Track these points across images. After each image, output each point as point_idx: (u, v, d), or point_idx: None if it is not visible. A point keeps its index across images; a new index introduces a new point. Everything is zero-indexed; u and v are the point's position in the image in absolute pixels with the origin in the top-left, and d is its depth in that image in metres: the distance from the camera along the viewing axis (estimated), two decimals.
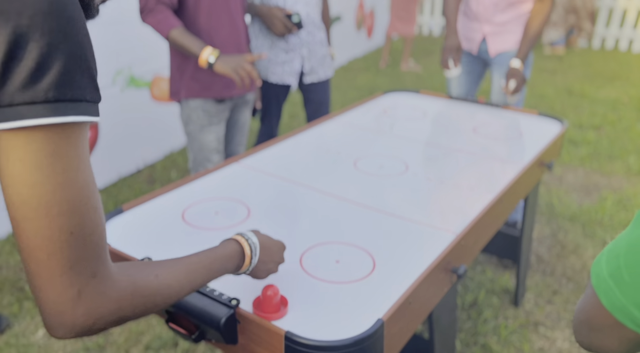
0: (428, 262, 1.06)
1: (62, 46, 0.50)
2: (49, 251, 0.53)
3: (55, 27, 0.50)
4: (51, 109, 0.50)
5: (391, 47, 6.07)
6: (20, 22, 0.49)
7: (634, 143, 3.62)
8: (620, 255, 0.49)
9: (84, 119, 0.52)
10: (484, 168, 1.50)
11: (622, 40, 6.64)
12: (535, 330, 1.92)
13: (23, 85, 0.49)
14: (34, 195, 0.52)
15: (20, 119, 0.49)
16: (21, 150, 0.51)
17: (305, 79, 2.28)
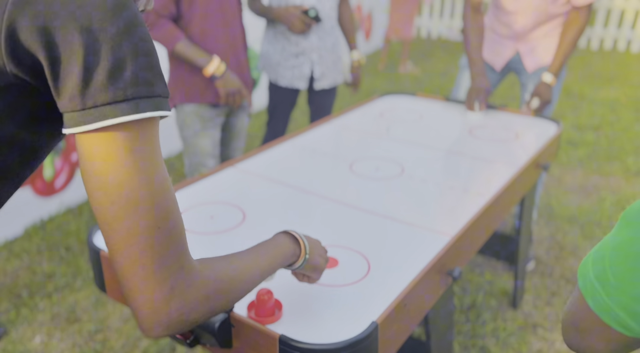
0: (423, 265, 1.05)
1: (132, 45, 0.52)
2: (141, 248, 0.53)
3: (123, 27, 0.51)
4: (132, 106, 0.51)
5: (390, 49, 6.08)
6: (92, 25, 0.50)
7: (633, 143, 3.62)
8: (605, 257, 0.49)
9: (160, 113, 0.54)
10: (480, 170, 1.50)
11: (620, 41, 6.65)
12: (534, 332, 1.92)
13: (104, 86, 0.50)
14: (122, 194, 0.53)
15: (105, 119, 0.51)
16: (104, 150, 0.52)
17: (316, 84, 2.29)
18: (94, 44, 0.50)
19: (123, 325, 1.92)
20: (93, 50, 0.50)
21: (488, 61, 2.26)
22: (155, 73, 0.54)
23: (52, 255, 2.31)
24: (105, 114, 0.51)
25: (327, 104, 2.41)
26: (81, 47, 0.50)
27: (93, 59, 0.50)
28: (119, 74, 0.51)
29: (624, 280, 0.46)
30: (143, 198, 0.53)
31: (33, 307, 2.00)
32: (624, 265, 0.46)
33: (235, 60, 1.94)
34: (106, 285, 1.08)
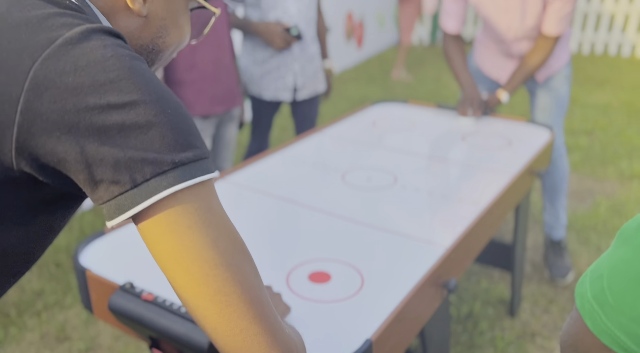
0: (417, 278, 1.03)
1: (166, 110, 0.50)
2: (255, 318, 0.51)
3: (155, 96, 0.50)
4: (180, 174, 0.49)
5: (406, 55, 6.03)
6: (118, 101, 0.48)
7: (626, 147, 3.63)
8: (603, 276, 0.47)
9: (209, 176, 0.52)
10: (473, 178, 1.48)
11: (611, 45, 6.69)
12: (532, 340, 1.89)
13: (147, 160, 0.49)
14: (219, 255, 0.51)
15: (159, 192, 0.49)
16: (166, 226, 0.50)
17: (298, 95, 2.28)
18: (125, 123, 0.48)
19: (114, 343, 1.88)
20: (127, 130, 0.48)
21: (494, 78, 2.25)
22: (194, 133, 0.52)
23: (42, 272, 2.27)
24: (155, 187, 0.49)
25: (312, 113, 2.40)
26: (113, 130, 0.48)
27: (129, 138, 0.48)
28: (164, 143, 0.49)
29: (623, 301, 0.44)
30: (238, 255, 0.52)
31: (22, 326, 1.96)
32: (622, 286, 0.44)
33: (225, 71, 1.93)
34: (93, 305, 1.05)
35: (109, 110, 0.48)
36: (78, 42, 0.49)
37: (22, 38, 0.49)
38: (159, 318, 0.91)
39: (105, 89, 0.48)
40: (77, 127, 0.47)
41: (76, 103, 0.47)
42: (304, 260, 1.10)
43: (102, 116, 0.47)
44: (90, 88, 0.47)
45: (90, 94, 0.47)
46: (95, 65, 0.48)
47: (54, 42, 0.48)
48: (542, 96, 2.18)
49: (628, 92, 4.97)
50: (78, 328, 1.96)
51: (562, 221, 2.29)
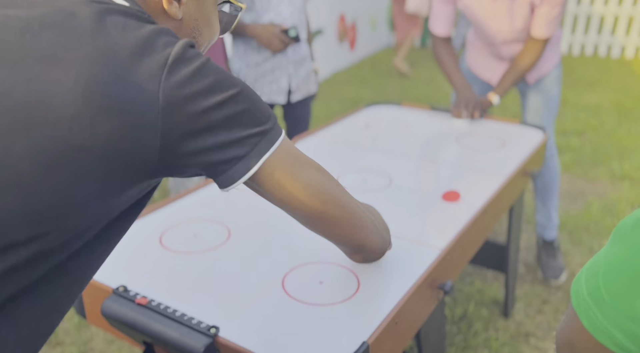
0: (413, 280, 1.03)
1: (250, 94, 0.66)
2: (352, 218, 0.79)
3: (241, 86, 0.64)
4: (273, 134, 0.68)
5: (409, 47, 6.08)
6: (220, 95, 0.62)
7: (616, 148, 3.65)
8: (599, 273, 0.47)
9: (283, 134, 0.71)
10: (467, 179, 1.49)
11: (600, 47, 6.75)
12: (527, 341, 1.90)
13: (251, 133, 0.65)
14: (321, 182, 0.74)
15: (268, 149, 0.67)
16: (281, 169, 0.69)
17: (292, 97, 2.28)
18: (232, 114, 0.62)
19: (107, 347, 1.87)
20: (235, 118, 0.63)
21: (485, 79, 2.26)
22: (266, 106, 0.69)
23: None
24: (261, 151, 0.66)
25: (306, 114, 2.40)
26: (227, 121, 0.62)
27: (238, 123, 0.63)
28: (254, 121, 0.65)
29: (619, 299, 0.44)
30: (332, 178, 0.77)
31: None
32: (618, 284, 0.44)
33: None
34: (86, 310, 1.04)
35: (217, 108, 0.60)
36: (182, 57, 0.58)
37: (144, 59, 0.56)
38: (153, 322, 0.90)
39: (211, 92, 0.59)
40: (199, 129, 0.59)
41: (195, 108, 0.58)
42: (300, 263, 1.09)
43: (214, 114, 0.60)
44: (201, 94, 0.58)
45: (203, 99, 0.58)
46: (198, 74, 0.58)
47: (167, 61, 0.56)
48: (533, 98, 2.20)
49: (618, 93, 5.01)
50: (70, 332, 1.94)
51: (554, 221, 2.31)
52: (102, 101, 0.52)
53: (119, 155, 0.54)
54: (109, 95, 0.52)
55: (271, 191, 0.70)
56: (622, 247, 0.46)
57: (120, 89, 0.53)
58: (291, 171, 0.69)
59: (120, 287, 0.98)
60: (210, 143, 0.60)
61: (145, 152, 0.56)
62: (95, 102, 0.52)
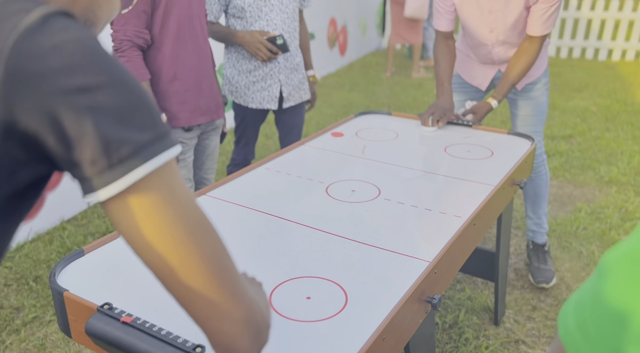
0: (401, 294, 1.03)
1: (132, 91, 0.52)
2: (213, 284, 0.55)
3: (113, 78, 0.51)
4: (153, 151, 0.52)
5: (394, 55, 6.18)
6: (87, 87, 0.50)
7: (604, 152, 3.69)
8: (585, 307, 0.47)
9: (171, 153, 0.54)
10: (456, 190, 1.49)
11: (588, 50, 6.82)
12: (517, 348, 1.91)
13: (122, 142, 0.51)
14: (179, 233, 0.53)
15: (132, 170, 0.50)
16: (134, 209, 0.52)
17: (284, 104, 2.28)
18: (96, 105, 0.50)
19: None
20: (99, 111, 0.50)
21: (473, 84, 2.27)
22: (157, 112, 0.54)
23: (20, 287, 2.22)
24: (129, 167, 0.51)
25: (298, 121, 2.40)
26: (87, 112, 0.49)
27: (102, 120, 0.50)
28: (130, 123, 0.51)
29: (605, 334, 0.44)
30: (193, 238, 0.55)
31: (0, 344, 1.91)
32: (604, 319, 0.44)
33: (207, 82, 1.91)
34: (71, 329, 1.03)
35: (79, 93, 0.49)
36: (38, 28, 0.49)
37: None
38: (138, 341, 0.89)
39: (73, 72, 0.49)
40: (53, 109, 0.49)
41: (49, 87, 0.48)
42: (287, 278, 1.08)
43: (74, 98, 0.49)
44: (60, 72, 0.49)
45: (61, 78, 0.49)
46: (60, 50, 0.49)
47: (14, 31, 0.49)
48: (523, 106, 2.21)
49: (605, 97, 5.06)
50: (59, 344, 1.92)
51: (545, 227, 2.33)
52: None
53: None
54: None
55: (121, 224, 0.54)
56: (606, 282, 0.46)
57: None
58: (161, 209, 0.53)
59: (105, 304, 0.97)
60: (67, 131, 0.49)
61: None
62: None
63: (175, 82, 1.83)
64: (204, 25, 1.90)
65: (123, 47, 1.72)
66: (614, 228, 2.69)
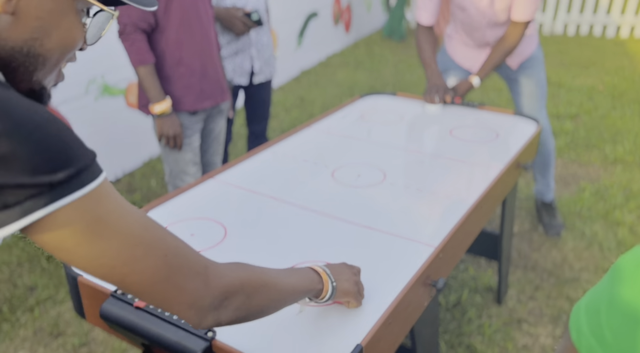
0: (407, 278, 1.05)
1: (31, 135, 0.50)
2: (164, 285, 0.61)
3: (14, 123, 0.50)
4: (57, 193, 0.52)
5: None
6: None
7: (610, 131, 3.67)
8: (601, 312, 0.46)
9: (89, 188, 0.55)
10: (461, 173, 1.50)
11: (596, 26, 6.71)
12: (519, 327, 1.94)
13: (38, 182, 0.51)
14: (113, 259, 0.57)
15: (32, 212, 0.51)
16: (65, 234, 0.54)
17: (255, 79, 2.35)
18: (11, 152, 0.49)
19: (108, 338, 1.90)
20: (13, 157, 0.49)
21: (466, 68, 2.34)
22: (71, 148, 0.54)
23: (33, 266, 2.27)
24: (32, 207, 0.51)
25: (267, 97, 2.48)
26: None
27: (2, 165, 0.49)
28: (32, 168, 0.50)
29: (623, 341, 0.44)
30: (136, 246, 0.58)
31: (15, 322, 1.96)
32: (622, 326, 0.44)
33: (212, 66, 1.91)
34: (85, 311, 1.06)
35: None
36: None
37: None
38: (151, 325, 0.92)
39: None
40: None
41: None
42: (293, 262, 1.11)
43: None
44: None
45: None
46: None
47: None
48: (525, 83, 2.29)
49: (612, 74, 5.00)
50: (72, 323, 1.97)
51: (552, 186, 2.51)
52: None
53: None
54: None
55: (49, 250, 0.56)
56: (626, 288, 0.45)
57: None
58: (80, 244, 0.55)
59: (118, 289, 1.00)
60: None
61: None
62: None
63: (180, 66, 1.83)
64: (209, 10, 1.89)
65: (127, 30, 1.72)
66: (618, 208, 2.70)
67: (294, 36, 5.13)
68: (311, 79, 5.10)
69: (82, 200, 0.54)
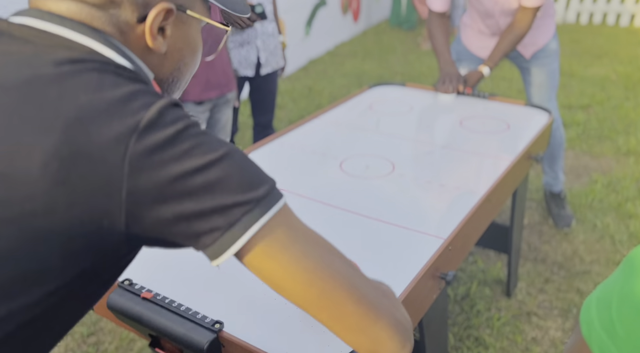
0: (415, 271, 1.04)
1: (235, 160, 0.57)
2: (352, 304, 0.60)
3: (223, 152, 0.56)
4: (263, 207, 0.57)
5: None
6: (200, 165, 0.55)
7: (623, 122, 3.61)
8: (612, 306, 0.46)
9: (282, 201, 0.60)
10: (471, 165, 1.48)
11: (609, 15, 6.61)
12: (528, 320, 1.92)
13: (236, 203, 0.56)
14: (315, 260, 0.59)
15: (251, 226, 0.56)
16: (264, 253, 0.58)
17: (262, 70, 2.33)
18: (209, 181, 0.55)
19: (116, 328, 1.91)
20: (212, 186, 0.55)
21: (481, 56, 2.30)
22: (260, 169, 0.60)
23: None
24: (249, 222, 0.56)
25: (273, 88, 2.46)
26: (202, 189, 0.54)
27: (216, 192, 0.55)
28: (242, 186, 0.56)
29: (635, 334, 0.43)
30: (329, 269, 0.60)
31: None
32: (634, 318, 0.43)
33: (218, 56, 1.90)
34: None
35: (194, 174, 0.54)
36: (156, 121, 0.54)
37: (113, 124, 0.52)
38: (158, 316, 0.91)
39: (186, 157, 0.54)
40: (172, 195, 0.54)
41: (166, 175, 0.53)
42: None
43: (190, 181, 0.54)
44: (174, 160, 0.54)
45: (176, 165, 0.53)
46: (173, 140, 0.54)
47: (139, 126, 0.53)
48: (536, 73, 2.26)
49: (626, 64, 4.92)
50: None
51: (561, 178, 2.49)
52: (59, 176, 0.50)
53: (79, 233, 0.52)
54: (67, 169, 0.51)
55: (260, 271, 0.59)
56: (638, 280, 0.44)
57: (78, 161, 0.51)
58: (288, 249, 0.58)
59: (126, 280, 0.99)
60: (184, 211, 0.54)
61: (110, 226, 0.54)
62: (52, 177, 0.50)
63: None
64: None
65: None
66: (630, 200, 2.66)
67: (302, 25, 5.09)
68: (319, 69, 5.06)
69: (280, 212, 0.59)
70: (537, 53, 2.21)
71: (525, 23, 2.00)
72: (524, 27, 2.00)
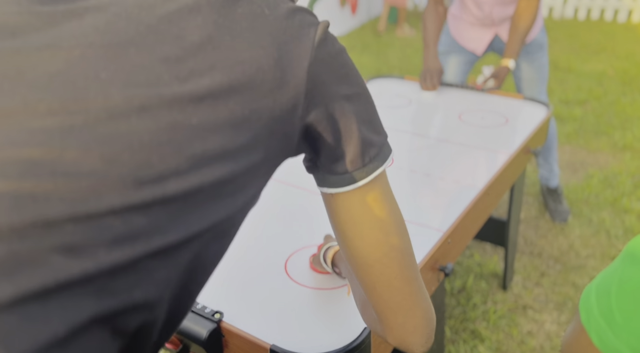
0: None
1: (372, 100, 0.58)
2: (409, 276, 0.60)
3: (361, 84, 0.57)
4: (385, 153, 0.58)
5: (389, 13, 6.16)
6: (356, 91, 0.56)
7: (619, 118, 3.63)
8: (611, 293, 0.46)
9: (391, 154, 0.60)
10: (470, 158, 1.48)
11: (607, 10, 6.61)
12: (524, 313, 1.94)
13: (371, 144, 0.57)
14: (392, 225, 0.59)
15: (375, 170, 0.57)
16: (365, 201, 0.58)
17: None
18: (357, 111, 0.56)
19: None
20: (359, 116, 0.56)
21: (470, 49, 2.29)
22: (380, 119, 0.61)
23: None
24: (375, 166, 0.57)
25: None
26: (352, 116, 0.55)
27: (361, 124, 0.56)
28: (375, 129, 0.58)
29: (633, 323, 0.44)
30: (404, 236, 0.61)
31: None
32: (632, 306, 0.44)
33: None
34: None
35: (347, 100, 0.55)
36: (325, 41, 0.55)
37: (290, 40, 0.53)
38: None
39: (344, 82, 0.55)
40: (332, 112, 0.55)
41: (330, 92, 0.54)
42: (302, 246, 1.10)
43: (344, 104, 0.55)
44: (337, 80, 0.55)
45: (337, 86, 0.55)
46: (335, 61, 0.55)
47: (314, 44, 0.54)
48: (525, 68, 2.25)
49: (623, 60, 4.93)
50: None
51: (556, 171, 2.49)
52: (276, 75, 0.52)
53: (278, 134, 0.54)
54: (281, 70, 0.52)
55: (349, 210, 0.59)
56: (637, 269, 0.45)
57: (286, 68, 0.52)
58: (386, 198, 0.59)
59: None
60: (335, 132, 0.55)
61: (291, 131, 0.55)
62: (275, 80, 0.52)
63: None
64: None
65: None
66: (626, 196, 2.68)
67: None
68: None
69: (386, 165, 0.59)
70: (525, 47, 2.20)
71: (531, 10, 1.97)
72: (530, 14, 1.98)
